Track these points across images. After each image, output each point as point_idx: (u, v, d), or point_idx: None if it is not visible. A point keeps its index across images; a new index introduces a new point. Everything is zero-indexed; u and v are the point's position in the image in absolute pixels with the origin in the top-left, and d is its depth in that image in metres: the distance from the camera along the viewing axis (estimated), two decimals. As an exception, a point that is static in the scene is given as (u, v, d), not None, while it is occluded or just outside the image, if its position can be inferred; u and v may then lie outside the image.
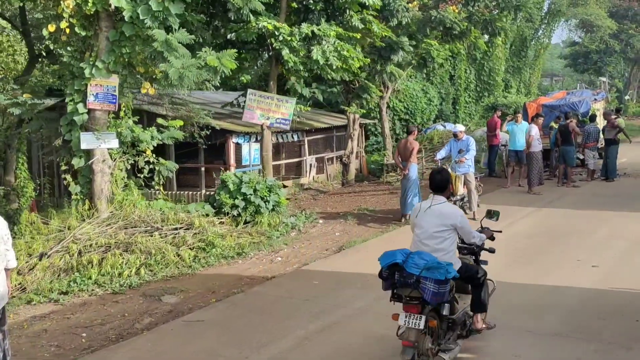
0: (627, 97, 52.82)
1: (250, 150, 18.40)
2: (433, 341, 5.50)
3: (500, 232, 6.90)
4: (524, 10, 20.45)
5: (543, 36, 35.67)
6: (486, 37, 32.37)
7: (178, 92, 15.10)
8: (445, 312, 5.60)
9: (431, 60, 18.90)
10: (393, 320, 5.51)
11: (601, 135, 18.54)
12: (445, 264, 5.39)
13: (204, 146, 16.53)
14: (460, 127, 12.94)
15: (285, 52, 12.44)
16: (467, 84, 32.42)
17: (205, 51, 11.41)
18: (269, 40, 12.53)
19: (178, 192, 16.84)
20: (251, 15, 12.16)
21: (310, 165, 21.23)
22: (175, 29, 11.25)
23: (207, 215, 12.09)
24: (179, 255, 10.05)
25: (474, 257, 6.42)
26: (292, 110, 13.73)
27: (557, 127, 17.99)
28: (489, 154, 18.99)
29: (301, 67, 12.80)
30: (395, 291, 5.54)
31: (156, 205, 11.59)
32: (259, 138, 18.37)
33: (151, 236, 10.36)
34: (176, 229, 10.84)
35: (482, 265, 6.37)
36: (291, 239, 11.66)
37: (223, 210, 12.24)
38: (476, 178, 13.35)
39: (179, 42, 11.08)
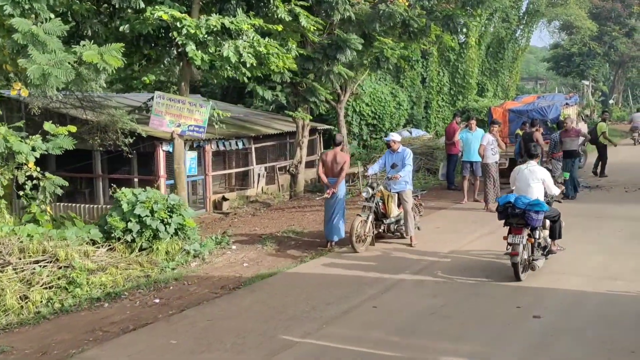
0: (611, 101, 51.00)
1: (186, 159, 16.37)
2: (529, 253, 8.53)
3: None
4: (489, 7, 18.51)
5: (521, 37, 33.69)
6: (461, 37, 30.57)
7: (96, 93, 13.08)
8: (537, 235, 8.64)
9: (385, 60, 16.85)
10: (504, 240, 8.49)
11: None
12: (541, 202, 8.51)
13: (129, 155, 14.48)
14: (394, 136, 10.85)
15: (190, 47, 10.41)
16: (440, 87, 30.40)
17: (84, 45, 9.37)
18: (171, 34, 10.48)
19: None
20: (141, 3, 10.11)
21: (259, 175, 19.16)
22: (45, 19, 9.23)
23: (94, 241, 10.04)
24: (26, 298, 7.99)
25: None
26: (207, 116, 11.70)
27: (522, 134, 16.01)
28: (447, 164, 16.98)
29: (213, 66, 10.76)
30: (507, 220, 8.55)
31: (23, 230, 9.49)
32: (195, 145, 16.36)
33: (0, 272, 8.30)
34: (37, 262, 8.77)
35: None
36: (187, 271, 9.61)
37: (114, 235, 10.18)
38: (416, 196, 11.33)
39: (50, 34, 9.06)
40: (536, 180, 8.89)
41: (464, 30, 18.68)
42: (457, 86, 30.28)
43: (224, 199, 17.17)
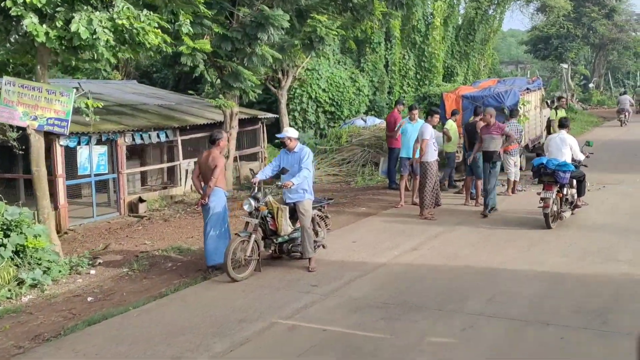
0: (591, 85, 48.81)
1: (92, 156, 14.05)
2: (558, 207, 10.25)
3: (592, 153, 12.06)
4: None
5: (493, 18, 31.28)
6: (420, 15, 28.22)
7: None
8: (565, 191, 10.32)
9: (319, 40, 14.50)
10: (537, 194, 10.31)
11: (525, 136, 14.42)
12: (568, 164, 10.16)
13: (20, 151, 12.12)
14: (289, 132, 8.51)
15: (28, 20, 8.07)
16: (406, 71, 28.06)
17: None
18: (4, 4, 8.14)
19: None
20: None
21: (187, 171, 16.85)
22: None
23: None
24: None
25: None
26: (70, 106, 9.38)
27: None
28: (388, 159, 14.70)
29: (59, 44, 8.40)
30: (540, 178, 10.29)
31: None
32: (105, 138, 14.05)
33: None
34: None
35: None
36: (16, 307, 7.35)
37: None
38: (320, 207, 9.05)
39: None
40: (565, 146, 10.58)
41: (409, 5, 16.30)
42: (424, 70, 27.93)
43: (141, 200, 14.87)
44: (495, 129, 11.50)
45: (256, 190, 8.20)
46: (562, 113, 16.23)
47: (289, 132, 8.49)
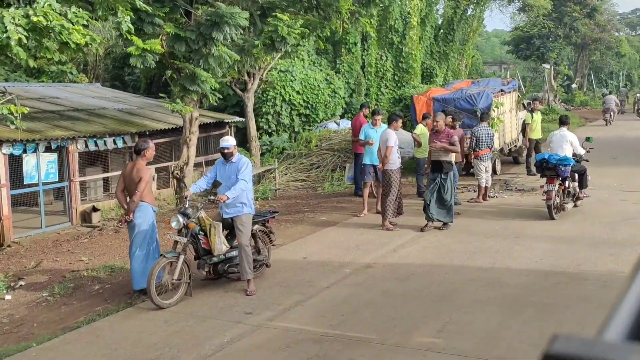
0: (574, 85, 48.25)
1: (40, 163, 13.14)
2: (560, 199, 10.75)
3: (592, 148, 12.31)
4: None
5: (473, 18, 30.53)
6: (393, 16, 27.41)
7: None
8: (566, 183, 10.83)
9: (281, 40, 13.63)
10: (541, 188, 11.54)
11: (499, 140, 13.63)
12: (568, 158, 10.70)
13: None
14: (228, 141, 7.61)
15: None
16: (383, 73, 27.22)
17: None
18: None
19: None
20: None
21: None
22: None
23: None
24: None
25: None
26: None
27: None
28: (354, 165, 13.83)
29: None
30: (543, 172, 10.73)
31: None
32: (54, 146, 13.14)
33: None
34: None
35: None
36: None
37: None
38: (263, 222, 8.15)
39: None
40: (566, 142, 11.12)
41: (376, 3, 15.47)
42: (402, 71, 27.10)
43: (94, 209, 13.96)
44: (445, 137, 10.32)
45: (186, 205, 7.30)
46: (537, 116, 15.43)
47: (228, 141, 7.60)
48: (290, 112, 22.88)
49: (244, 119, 19.24)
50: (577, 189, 11.29)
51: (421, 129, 12.91)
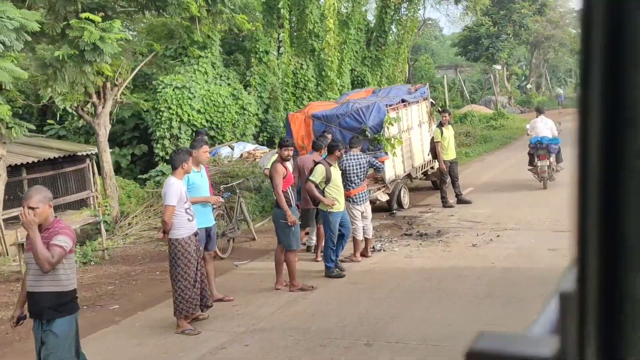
0: (529, 86, 45.16)
1: None
2: (550, 172, 13.09)
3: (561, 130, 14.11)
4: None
5: (406, 18, 27.04)
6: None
7: None
8: (551, 159, 13.04)
9: (92, 49, 9.87)
10: (532, 165, 13.29)
11: (400, 165, 10.01)
12: (556, 138, 13.01)
13: None
14: None
15: None
16: (305, 84, 23.52)
17: None
18: None
19: None
20: None
21: None
22: None
23: None
24: None
25: None
26: None
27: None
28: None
29: None
30: (537, 151, 12.90)
31: None
32: None
33: None
34: None
35: None
36: None
37: None
38: None
39: None
40: (548, 127, 13.20)
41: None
42: (326, 81, 23.47)
43: None
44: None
45: None
46: (448, 131, 11.79)
47: None
48: (191, 135, 19.08)
49: (93, 150, 15.15)
50: (555, 163, 13.40)
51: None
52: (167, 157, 18.49)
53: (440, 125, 11.78)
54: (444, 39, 65.61)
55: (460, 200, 11.88)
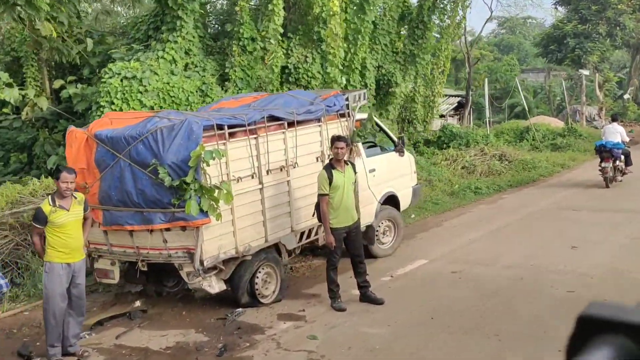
0: (626, 97, 37.17)
1: None
2: (613, 173, 14.50)
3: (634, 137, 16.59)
4: None
5: (451, 9, 21.18)
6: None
7: None
8: (618, 162, 14.48)
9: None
10: (599, 166, 14.40)
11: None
12: (620, 143, 14.34)
13: None
14: None
15: None
16: (308, 80, 18.42)
17: None
18: None
19: None
20: None
21: None
22: None
23: None
24: None
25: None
26: None
27: None
28: None
29: None
30: (601, 154, 14.28)
31: None
32: None
33: None
34: None
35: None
36: None
37: None
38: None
39: None
40: (617, 132, 14.40)
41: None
42: (325, 79, 18.32)
43: None
44: None
45: None
46: (345, 176, 6.33)
47: None
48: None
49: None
50: (624, 166, 14.88)
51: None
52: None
53: (330, 166, 6.32)
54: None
55: (367, 297, 6.55)
